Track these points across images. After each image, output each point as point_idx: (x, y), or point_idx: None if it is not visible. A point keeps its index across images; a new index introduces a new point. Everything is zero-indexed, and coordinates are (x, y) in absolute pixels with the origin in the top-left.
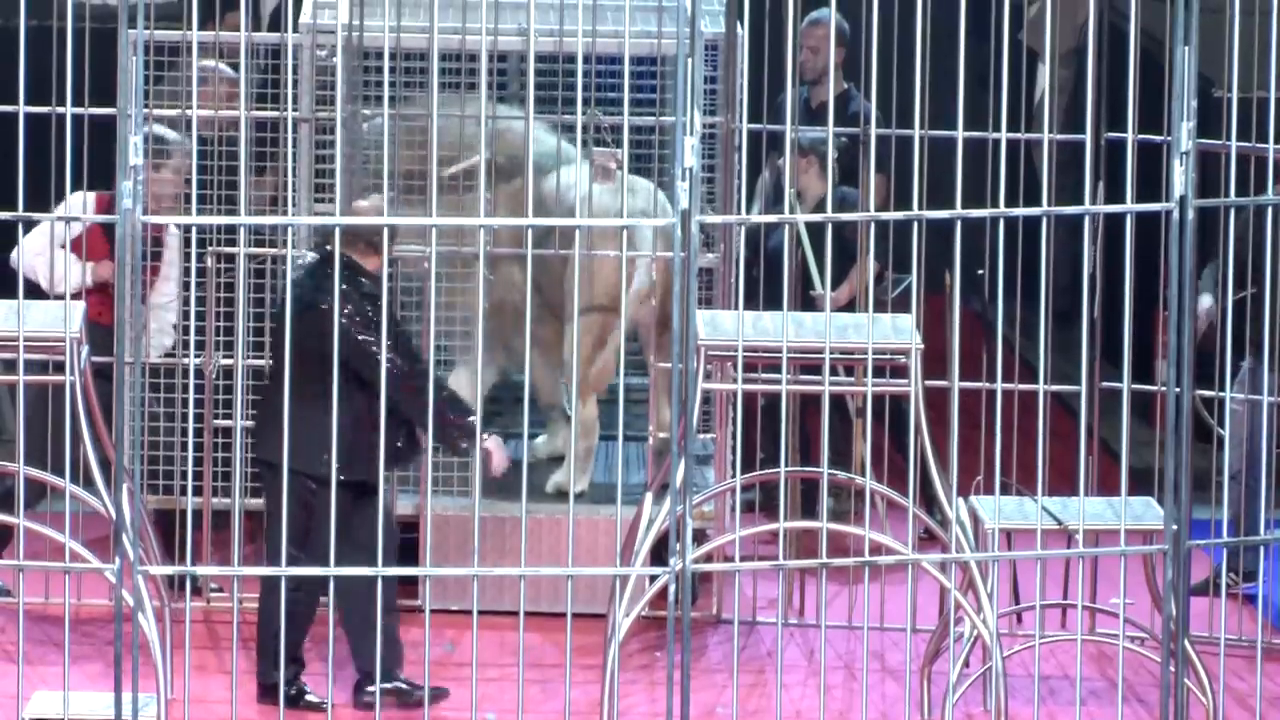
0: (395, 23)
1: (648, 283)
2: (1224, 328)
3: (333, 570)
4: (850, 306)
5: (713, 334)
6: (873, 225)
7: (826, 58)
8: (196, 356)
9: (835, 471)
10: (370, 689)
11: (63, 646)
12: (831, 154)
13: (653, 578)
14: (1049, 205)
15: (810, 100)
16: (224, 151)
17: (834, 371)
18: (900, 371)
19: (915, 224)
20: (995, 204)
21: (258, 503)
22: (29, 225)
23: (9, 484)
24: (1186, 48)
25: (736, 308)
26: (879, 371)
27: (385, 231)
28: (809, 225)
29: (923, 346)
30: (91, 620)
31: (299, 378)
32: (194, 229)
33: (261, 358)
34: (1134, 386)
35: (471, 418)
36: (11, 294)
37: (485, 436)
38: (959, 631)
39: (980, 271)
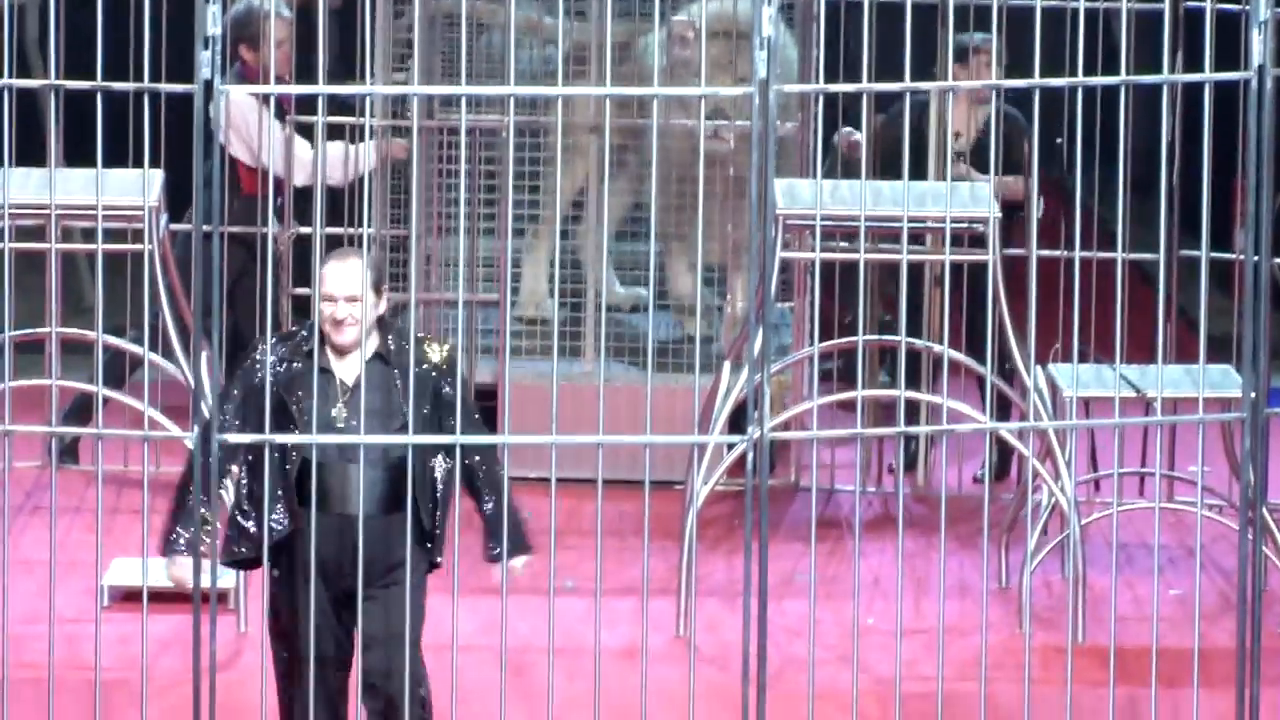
0: None
1: None
2: None
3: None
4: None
5: (790, 203)
6: (950, 96)
7: None
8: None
9: (913, 340)
10: None
11: (141, 514)
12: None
13: (730, 446)
14: (1127, 74)
15: None
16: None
17: (913, 240)
18: (978, 240)
19: (994, 93)
20: (1074, 73)
21: None
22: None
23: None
24: None
25: (815, 177)
26: (957, 240)
27: (463, 101)
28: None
29: (1000, 215)
30: (170, 488)
31: None
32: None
33: (340, 226)
34: (1212, 254)
35: None
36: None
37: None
38: (1036, 499)
39: (1059, 140)
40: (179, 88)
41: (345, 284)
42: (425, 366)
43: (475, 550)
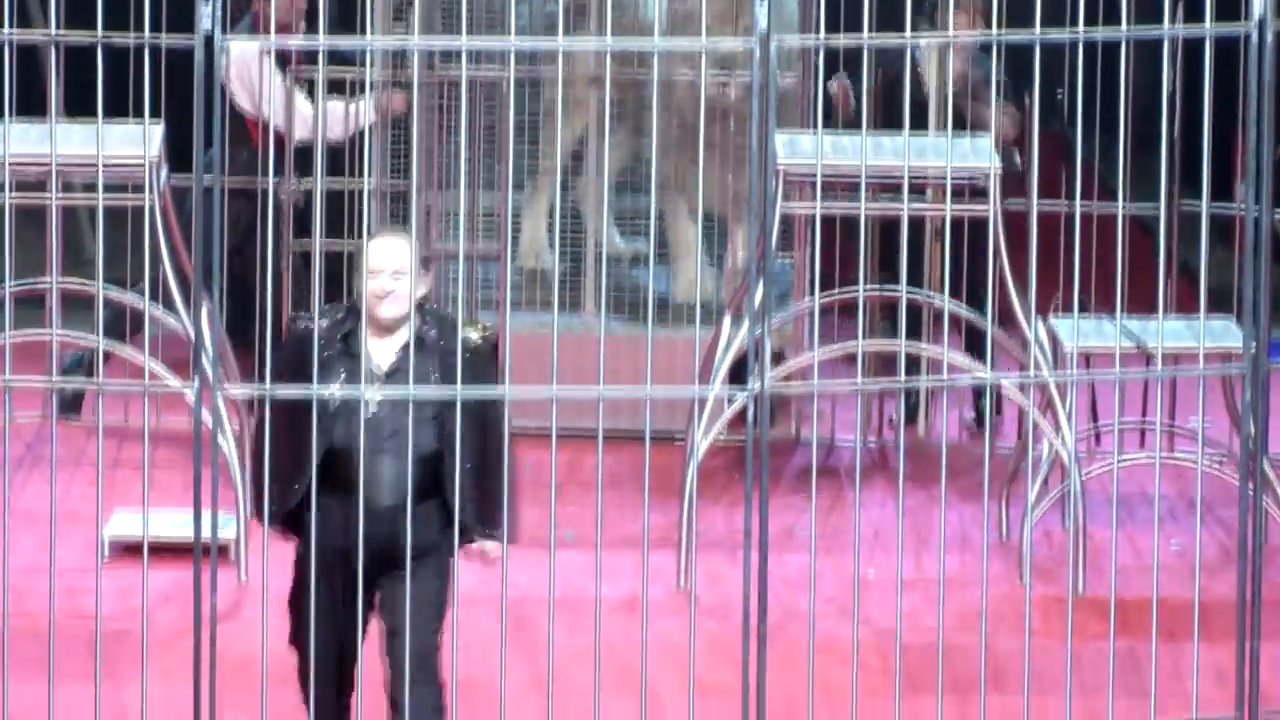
0: None
1: None
2: None
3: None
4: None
5: (791, 156)
6: (951, 48)
7: None
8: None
9: (914, 292)
10: None
11: (142, 467)
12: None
13: (731, 399)
14: (1128, 28)
15: None
16: None
17: (913, 192)
18: (979, 193)
19: (995, 46)
20: (1074, 26)
21: None
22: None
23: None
24: None
25: (815, 129)
26: (958, 193)
27: (463, 54)
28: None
29: (1001, 168)
30: (171, 441)
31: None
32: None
33: (340, 183)
34: (1213, 208)
35: None
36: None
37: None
38: (1037, 452)
39: (1059, 93)
40: (180, 40)
41: (393, 258)
42: (465, 355)
43: None
